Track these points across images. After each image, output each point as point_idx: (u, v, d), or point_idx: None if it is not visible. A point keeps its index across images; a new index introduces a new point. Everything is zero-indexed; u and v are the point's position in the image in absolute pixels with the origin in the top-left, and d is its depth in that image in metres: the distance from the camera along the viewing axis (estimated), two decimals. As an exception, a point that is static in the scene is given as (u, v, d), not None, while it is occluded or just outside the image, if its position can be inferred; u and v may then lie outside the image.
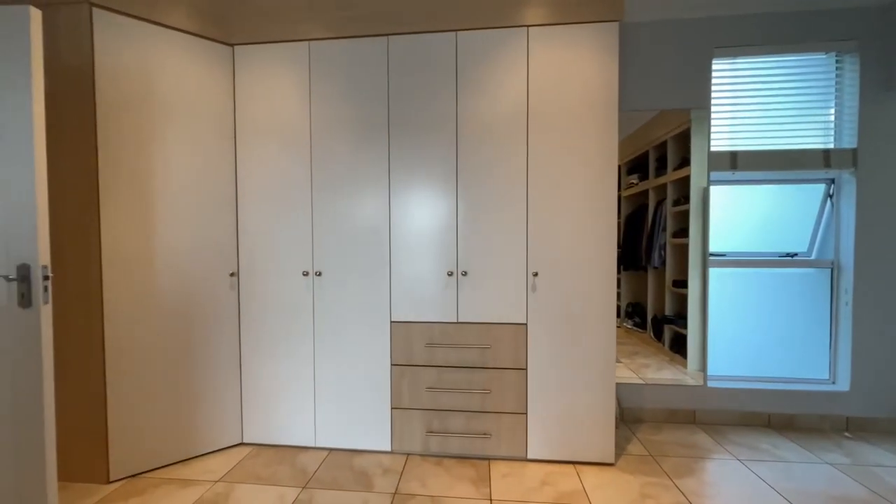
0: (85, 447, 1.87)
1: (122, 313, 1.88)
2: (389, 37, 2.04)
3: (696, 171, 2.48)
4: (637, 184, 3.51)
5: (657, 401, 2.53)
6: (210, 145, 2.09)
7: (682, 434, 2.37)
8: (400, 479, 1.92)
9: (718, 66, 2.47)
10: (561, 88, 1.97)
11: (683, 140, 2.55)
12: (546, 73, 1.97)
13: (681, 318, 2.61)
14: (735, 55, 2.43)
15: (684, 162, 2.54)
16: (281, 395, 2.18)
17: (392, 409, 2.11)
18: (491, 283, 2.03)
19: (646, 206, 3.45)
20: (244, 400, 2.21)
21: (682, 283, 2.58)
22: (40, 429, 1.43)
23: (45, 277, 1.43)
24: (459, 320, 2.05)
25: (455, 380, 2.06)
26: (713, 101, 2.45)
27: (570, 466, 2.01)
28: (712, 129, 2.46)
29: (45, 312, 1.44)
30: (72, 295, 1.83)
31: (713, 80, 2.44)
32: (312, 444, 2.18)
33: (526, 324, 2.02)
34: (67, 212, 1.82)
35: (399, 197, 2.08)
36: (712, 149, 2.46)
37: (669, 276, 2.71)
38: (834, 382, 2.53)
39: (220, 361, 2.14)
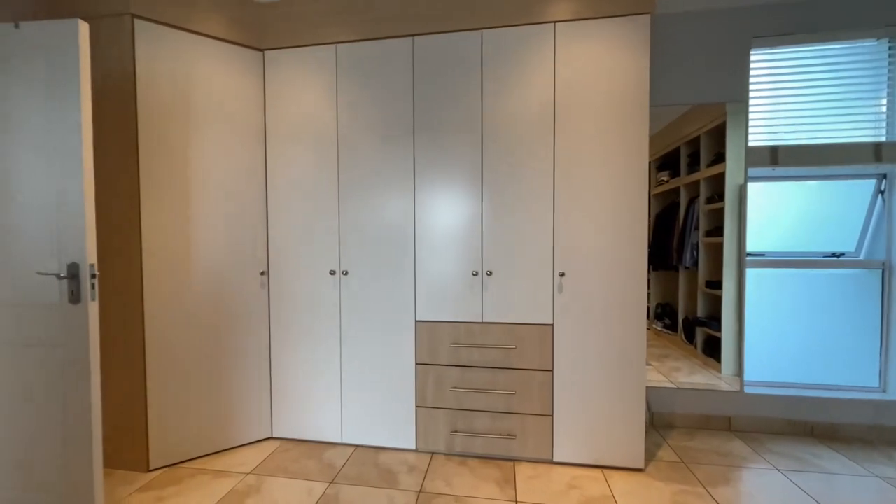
0: (127, 437, 1.97)
1: (160, 310, 1.97)
2: (415, 37, 2.05)
3: (732, 167, 2.38)
4: (668, 181, 3.39)
5: (689, 406, 2.44)
6: (241, 148, 2.16)
7: (717, 441, 2.27)
8: (425, 477, 1.93)
9: (757, 56, 2.35)
10: (589, 85, 1.92)
11: (718, 135, 2.44)
12: (574, 70, 1.93)
13: (714, 320, 2.51)
14: (775, 45, 2.31)
15: (719, 158, 2.43)
16: (309, 392, 2.23)
17: (417, 407, 2.12)
18: (516, 283, 2.01)
19: (677, 204, 3.33)
20: (273, 395, 2.27)
21: (715, 284, 2.48)
22: (87, 418, 1.51)
23: (93, 276, 1.51)
24: (484, 320, 2.04)
25: (480, 380, 2.05)
26: (751, 94, 2.34)
27: (598, 471, 1.97)
28: (750, 123, 2.34)
29: (93, 309, 1.52)
30: (115, 292, 1.93)
31: (751, 72, 2.33)
32: (339, 440, 2.22)
33: (552, 324, 1.99)
34: (111, 213, 1.92)
35: (424, 197, 2.08)
36: (750, 144, 2.34)
37: (702, 276, 2.61)
38: (885, 391, 2.37)
39: (251, 358, 2.21)
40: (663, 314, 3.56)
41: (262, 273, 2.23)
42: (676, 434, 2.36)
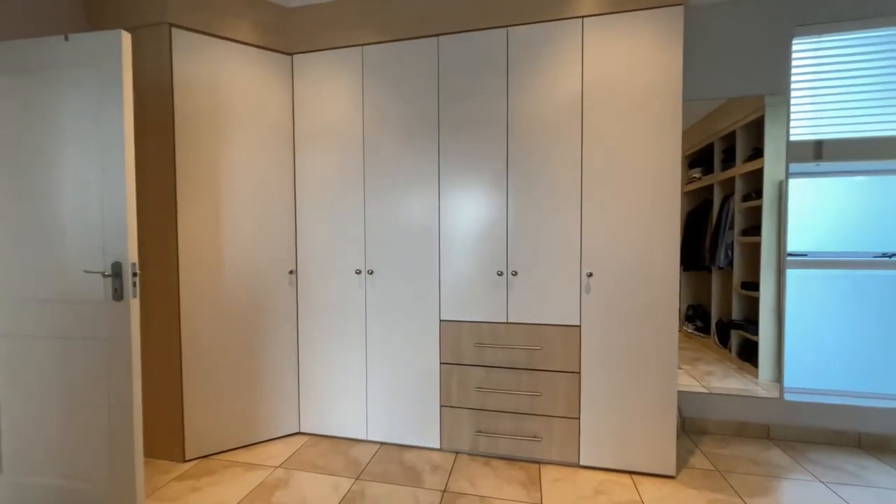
0: (165, 428, 2.06)
1: (195, 308, 2.05)
2: (440, 37, 2.05)
3: (771, 162, 2.26)
4: (700, 178, 3.26)
5: (724, 412, 2.34)
6: (271, 150, 2.21)
7: (754, 450, 2.17)
8: (449, 477, 1.93)
9: (800, 45, 2.23)
10: (619, 80, 1.87)
11: (755, 129, 2.33)
12: (603, 65, 1.88)
13: (751, 322, 2.40)
14: (821, 33, 2.18)
15: (756, 153, 2.32)
16: (335, 389, 2.27)
17: (441, 407, 2.13)
18: (542, 283, 1.98)
19: (710, 202, 3.20)
20: (301, 391, 2.32)
21: (752, 285, 2.37)
22: (130, 409, 1.59)
23: (134, 274, 1.59)
24: (509, 321, 2.02)
25: (504, 380, 2.04)
26: (793, 86, 2.22)
27: (627, 476, 1.92)
28: (792, 116, 2.22)
29: (134, 305, 1.59)
30: (154, 290, 2.02)
31: (793, 62, 2.21)
32: (364, 437, 2.25)
33: (579, 326, 1.95)
34: (150, 214, 2.01)
35: (448, 196, 2.08)
36: (792, 138, 2.23)
37: (738, 277, 2.50)
38: (942, 401, 2.21)
39: (279, 355, 2.27)
40: (695, 316, 3.43)
41: (291, 272, 2.28)
42: (710, 441, 2.27)
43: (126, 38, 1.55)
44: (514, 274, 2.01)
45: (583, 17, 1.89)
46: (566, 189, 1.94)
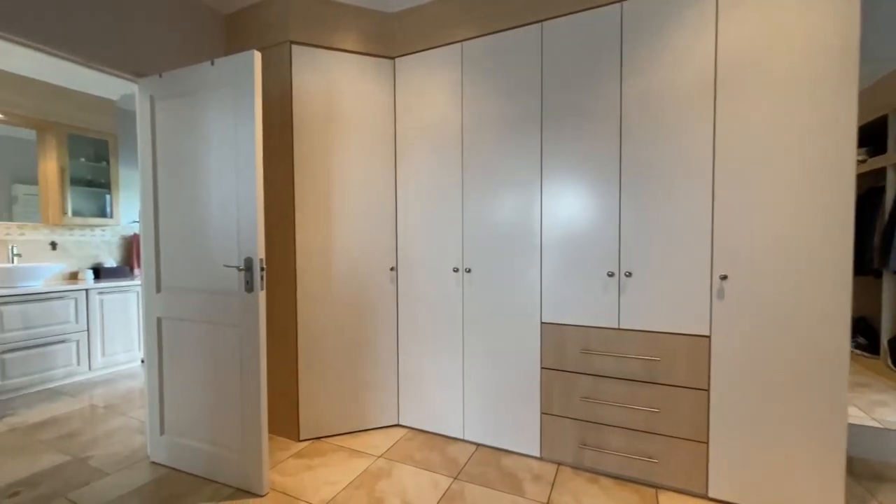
0: (283, 409, 2.27)
1: (309, 300, 2.22)
2: (543, 23, 1.94)
3: None
4: (866, 161, 2.65)
5: (909, 455, 1.85)
6: (375, 151, 2.31)
7: (961, 509, 1.67)
8: (552, 489, 1.82)
9: None
10: (767, 46, 1.57)
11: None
12: (744, 31, 1.60)
13: (948, 344, 1.86)
14: None
15: (962, 124, 1.79)
16: (432, 384, 2.29)
17: (542, 413, 2.01)
18: (662, 286, 1.76)
19: (879, 190, 2.58)
20: (400, 385, 2.39)
21: (953, 296, 1.83)
22: (257, 389, 1.77)
23: (262, 269, 1.76)
24: (621, 327, 1.83)
25: (615, 392, 1.85)
26: None
27: (772, 519, 1.61)
28: None
29: (262, 297, 1.77)
30: (275, 284, 2.24)
31: None
32: (461, 437, 2.23)
33: (709, 336, 1.68)
34: (273, 214, 2.23)
35: (551, 191, 1.96)
36: None
37: (928, 284, 1.97)
38: None
39: (381, 348, 2.37)
40: (856, 331, 2.80)
41: (392, 269, 2.36)
42: (890, 490, 1.80)
43: (257, 58, 1.73)
44: (628, 275, 1.81)
45: (716, -23, 1.63)
46: (693, 179, 1.69)
